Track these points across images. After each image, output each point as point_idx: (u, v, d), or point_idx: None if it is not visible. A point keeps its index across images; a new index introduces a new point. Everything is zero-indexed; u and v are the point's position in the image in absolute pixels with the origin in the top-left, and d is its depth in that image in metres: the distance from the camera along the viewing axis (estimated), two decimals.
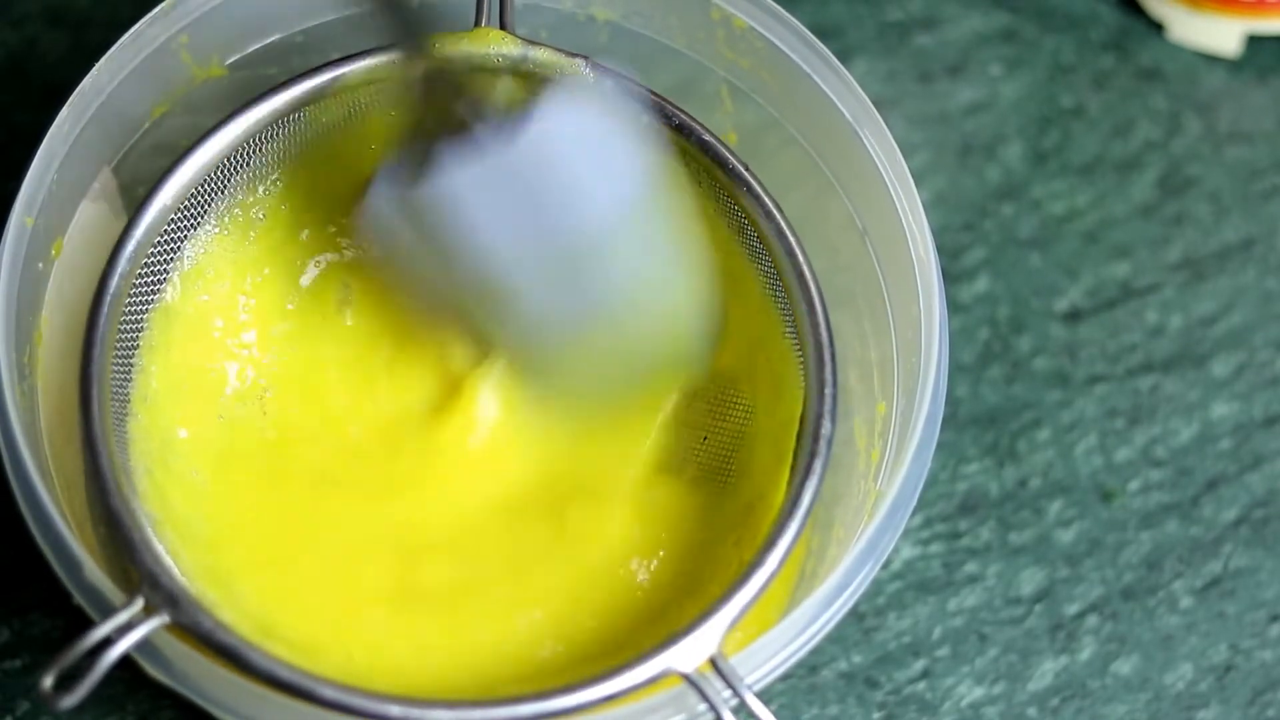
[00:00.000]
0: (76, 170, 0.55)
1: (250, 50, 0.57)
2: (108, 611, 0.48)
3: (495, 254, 0.53)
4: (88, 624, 0.48)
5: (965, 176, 0.69)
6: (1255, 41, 0.72)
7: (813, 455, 0.53)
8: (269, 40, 0.57)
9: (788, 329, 0.56)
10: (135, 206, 0.54)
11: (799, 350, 0.55)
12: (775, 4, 0.57)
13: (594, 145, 0.53)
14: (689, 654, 0.50)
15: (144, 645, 0.49)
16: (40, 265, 0.54)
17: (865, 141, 0.56)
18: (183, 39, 0.56)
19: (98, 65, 0.54)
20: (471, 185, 0.52)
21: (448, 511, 0.57)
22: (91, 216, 0.56)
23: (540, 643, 0.55)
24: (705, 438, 0.59)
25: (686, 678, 0.49)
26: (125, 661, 0.49)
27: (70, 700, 0.47)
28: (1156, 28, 0.72)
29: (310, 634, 0.54)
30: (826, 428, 0.53)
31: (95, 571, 0.49)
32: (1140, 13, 0.73)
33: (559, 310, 0.54)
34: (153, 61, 0.55)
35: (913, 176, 0.55)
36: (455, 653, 0.55)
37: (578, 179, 0.53)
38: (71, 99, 0.54)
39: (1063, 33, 0.72)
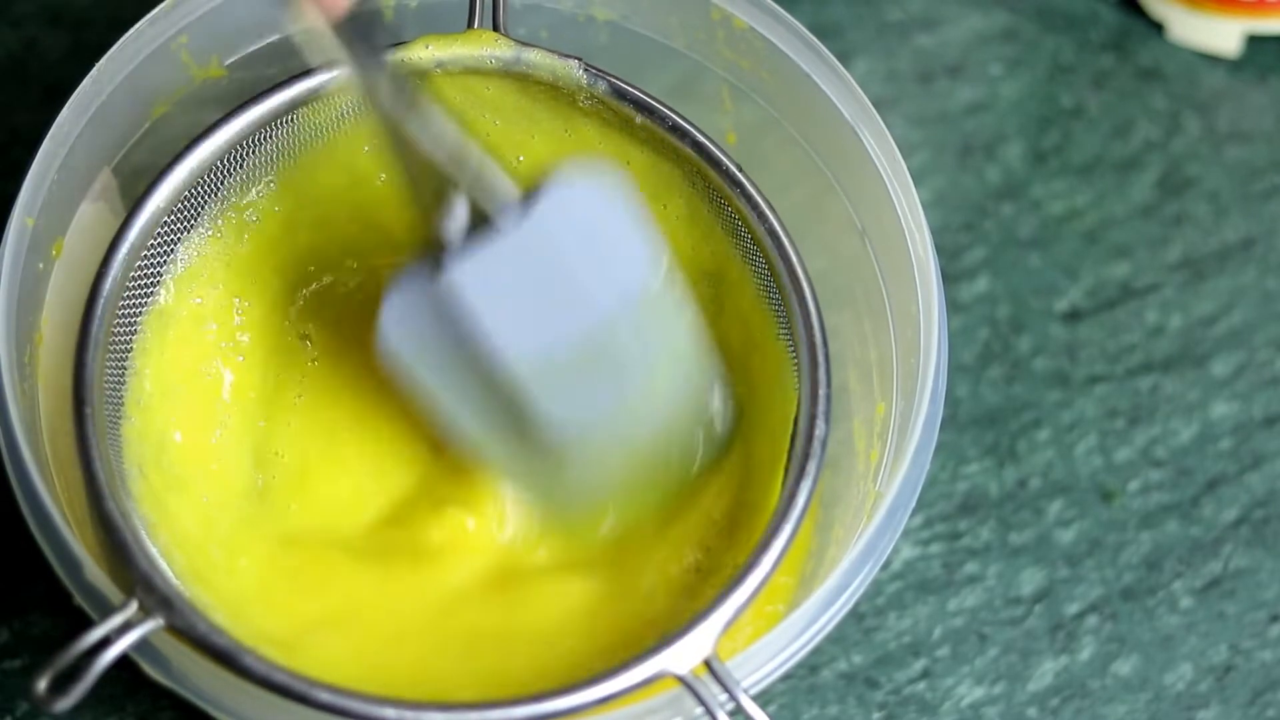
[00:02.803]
0: (76, 170, 0.55)
1: (250, 50, 0.57)
2: (108, 612, 0.48)
3: (515, 348, 0.51)
4: (88, 624, 0.48)
5: (965, 176, 0.69)
6: (1255, 41, 0.72)
7: (806, 457, 0.53)
8: (268, 41, 0.57)
9: (782, 331, 0.56)
10: (129, 208, 0.54)
11: (793, 352, 0.55)
12: (775, 4, 0.57)
13: (603, 230, 0.51)
14: (683, 656, 0.50)
15: (142, 646, 0.49)
16: (40, 265, 0.54)
17: (865, 141, 0.56)
18: (182, 39, 0.56)
19: (98, 65, 0.54)
20: (485, 275, 0.50)
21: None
22: (91, 217, 0.56)
23: (544, 646, 0.55)
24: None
25: (681, 679, 0.49)
26: (125, 662, 0.49)
27: (65, 703, 0.47)
28: (1156, 28, 0.72)
29: (301, 635, 0.54)
30: (820, 429, 0.53)
31: (96, 572, 0.49)
32: (1140, 13, 0.73)
33: (580, 409, 0.53)
34: (153, 62, 0.55)
35: (913, 176, 0.55)
36: (445, 652, 0.55)
37: (589, 266, 0.51)
38: (71, 99, 0.54)
39: (1063, 33, 0.72)
